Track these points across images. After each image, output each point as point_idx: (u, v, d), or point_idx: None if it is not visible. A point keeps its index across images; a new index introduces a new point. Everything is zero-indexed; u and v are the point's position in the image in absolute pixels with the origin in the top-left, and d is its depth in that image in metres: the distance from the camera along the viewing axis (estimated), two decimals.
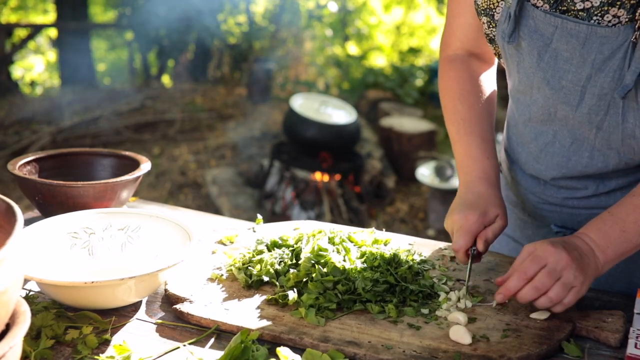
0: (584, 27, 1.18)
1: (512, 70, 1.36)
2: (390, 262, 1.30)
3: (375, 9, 10.82)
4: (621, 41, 1.15)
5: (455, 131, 1.46)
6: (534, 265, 1.14)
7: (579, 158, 1.32)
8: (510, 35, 1.27)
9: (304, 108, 5.59)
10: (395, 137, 6.24)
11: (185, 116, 7.94)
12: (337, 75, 9.83)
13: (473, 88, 1.48)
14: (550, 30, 1.22)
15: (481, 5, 1.34)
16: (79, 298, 1.13)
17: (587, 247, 1.18)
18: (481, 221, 1.29)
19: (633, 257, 1.35)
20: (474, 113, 1.45)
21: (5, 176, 6.17)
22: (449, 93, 1.49)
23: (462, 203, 1.33)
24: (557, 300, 1.13)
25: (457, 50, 1.52)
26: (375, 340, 1.09)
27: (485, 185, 1.36)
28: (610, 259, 1.18)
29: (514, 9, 1.24)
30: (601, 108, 1.23)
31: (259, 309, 1.18)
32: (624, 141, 1.25)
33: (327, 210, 5.32)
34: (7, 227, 0.85)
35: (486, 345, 1.08)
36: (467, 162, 1.41)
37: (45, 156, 1.65)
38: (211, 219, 1.67)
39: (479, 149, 1.41)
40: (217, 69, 10.71)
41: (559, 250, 1.14)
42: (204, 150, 7.04)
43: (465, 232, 1.28)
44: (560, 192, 1.39)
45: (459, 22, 1.48)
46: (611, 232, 1.18)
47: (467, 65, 1.50)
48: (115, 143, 7.20)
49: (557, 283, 1.13)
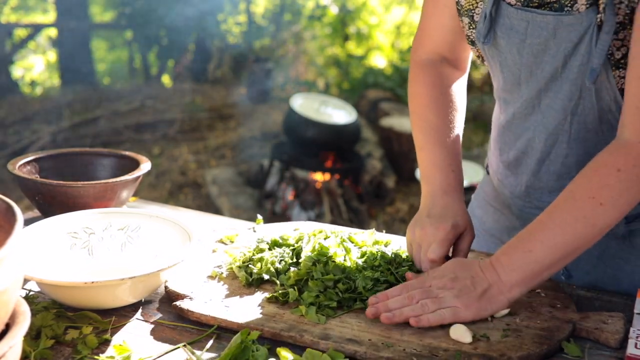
0: (551, 18, 1.19)
1: (496, 71, 1.36)
2: (390, 261, 1.30)
3: (375, 8, 10.82)
4: (586, 26, 1.16)
5: (421, 138, 1.44)
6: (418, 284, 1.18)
7: (558, 149, 1.31)
8: (485, 35, 1.28)
9: (304, 108, 5.60)
10: (395, 137, 6.24)
11: (185, 116, 7.94)
12: (337, 75, 9.83)
13: (442, 95, 1.46)
14: (523, 26, 1.23)
15: (465, 6, 1.34)
16: (78, 298, 1.13)
17: (492, 272, 1.14)
18: (454, 232, 1.30)
19: (634, 258, 1.35)
20: (442, 122, 1.43)
21: (5, 176, 6.17)
22: (418, 98, 1.48)
23: (430, 215, 1.33)
24: (421, 311, 1.11)
25: (430, 54, 1.50)
26: (376, 338, 1.09)
27: (451, 198, 1.36)
28: (517, 282, 1.13)
29: (489, 9, 1.25)
30: (574, 93, 1.23)
31: (259, 306, 1.18)
32: (602, 118, 1.24)
33: (327, 210, 5.32)
34: (7, 227, 0.85)
35: (486, 344, 1.08)
36: (431, 172, 1.40)
37: (45, 156, 1.65)
38: (211, 219, 1.67)
39: (445, 160, 1.40)
40: (217, 69, 10.71)
41: (443, 279, 1.16)
42: (204, 150, 7.05)
43: (441, 242, 1.28)
44: (544, 196, 1.37)
45: (435, 23, 1.46)
46: (516, 254, 1.14)
47: (438, 70, 1.48)
48: (115, 143, 7.20)
49: (430, 299, 1.13)
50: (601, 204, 1.10)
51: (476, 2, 1.31)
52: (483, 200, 1.61)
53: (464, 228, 1.33)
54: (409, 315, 1.11)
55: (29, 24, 11.59)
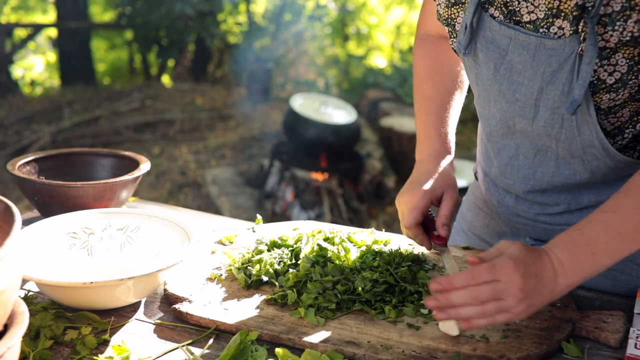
0: (534, 39, 1.15)
1: (472, 83, 1.34)
2: (390, 262, 1.30)
3: (375, 8, 10.82)
4: (568, 53, 1.12)
5: (417, 110, 1.48)
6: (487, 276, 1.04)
7: (545, 168, 1.28)
8: (467, 47, 1.25)
9: (304, 108, 5.60)
10: (395, 137, 6.24)
11: (185, 116, 7.95)
12: (337, 75, 9.83)
13: (440, 67, 1.49)
14: (505, 42, 1.19)
15: (443, 15, 1.32)
16: (77, 298, 1.13)
17: (551, 271, 1.06)
18: (428, 197, 1.30)
19: (628, 269, 1.34)
20: (437, 92, 1.46)
21: (5, 176, 6.17)
22: (417, 71, 1.52)
23: (411, 182, 1.35)
24: (481, 314, 1.03)
25: (430, 31, 1.54)
26: (375, 340, 1.09)
27: (434, 163, 1.37)
28: (574, 283, 1.07)
29: (470, 20, 1.22)
30: (555, 121, 1.19)
31: (258, 308, 1.18)
32: (585, 150, 1.20)
33: (327, 210, 5.32)
34: (6, 227, 0.85)
35: (486, 345, 1.08)
36: (422, 141, 1.43)
37: (45, 156, 1.65)
38: (211, 219, 1.67)
39: (435, 128, 1.42)
40: (217, 69, 10.71)
41: (515, 275, 1.02)
42: (204, 150, 7.04)
43: (413, 209, 1.29)
44: (533, 208, 1.35)
45: (432, 7, 1.49)
46: (581, 254, 1.06)
47: (437, 45, 1.51)
48: (115, 143, 7.20)
49: (493, 301, 1.03)
50: None
51: (457, 11, 1.28)
52: (473, 204, 1.60)
53: (442, 191, 1.32)
54: (465, 317, 1.03)
55: (29, 24, 11.59)
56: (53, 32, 11.83)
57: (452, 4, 1.29)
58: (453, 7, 1.29)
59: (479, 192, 1.57)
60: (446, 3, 1.30)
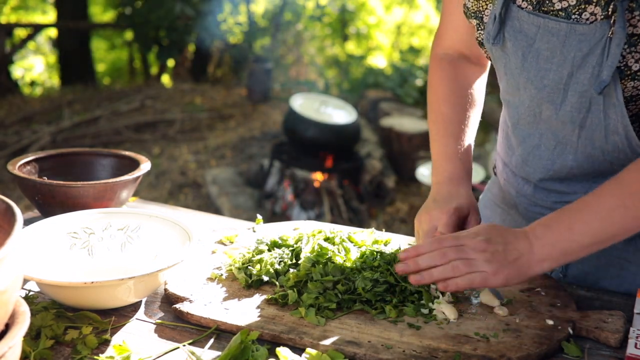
0: (564, 26, 1.18)
1: (500, 73, 1.36)
2: (390, 262, 1.30)
3: (375, 8, 10.83)
4: (598, 37, 1.15)
5: (435, 131, 1.47)
6: (451, 242, 1.13)
7: (564, 161, 1.31)
8: (495, 36, 1.28)
9: (304, 108, 5.60)
10: (395, 137, 6.24)
11: (185, 116, 7.95)
12: (337, 75, 9.83)
13: (459, 90, 1.49)
14: (533, 30, 1.23)
15: (471, 9, 1.35)
16: (78, 298, 1.13)
17: (525, 241, 1.12)
18: (457, 215, 1.31)
19: (638, 259, 1.34)
20: (456, 115, 1.45)
21: (5, 176, 6.17)
22: (433, 92, 1.51)
23: (435, 201, 1.35)
24: (452, 272, 1.10)
25: (448, 49, 1.53)
26: (375, 340, 1.09)
27: (455, 185, 1.37)
28: (549, 256, 1.11)
29: (499, 10, 1.25)
30: (583, 105, 1.22)
31: (258, 308, 1.18)
32: (608, 138, 1.23)
33: (327, 210, 5.32)
34: (7, 227, 0.85)
35: (486, 345, 1.08)
36: (440, 163, 1.42)
37: (45, 156, 1.65)
38: (211, 219, 1.67)
39: (453, 150, 1.42)
40: (217, 69, 10.71)
41: (477, 238, 1.12)
42: (204, 150, 7.05)
43: (446, 225, 1.29)
44: (550, 196, 1.37)
45: (452, 21, 1.48)
46: (556, 228, 1.12)
47: (455, 65, 1.51)
48: (115, 143, 7.20)
49: (462, 260, 1.10)
50: None
51: (485, 3, 1.31)
52: (490, 201, 1.62)
53: (468, 211, 1.33)
54: (438, 278, 1.10)
55: (29, 24, 11.59)
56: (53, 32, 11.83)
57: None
58: (482, 0, 1.32)
59: (496, 188, 1.58)
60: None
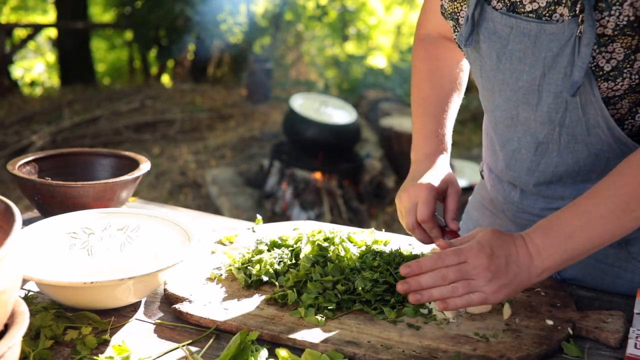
0: (535, 26, 1.18)
1: (476, 76, 1.36)
2: (390, 262, 1.30)
3: (375, 9, 10.83)
4: (567, 37, 1.14)
5: (415, 110, 1.49)
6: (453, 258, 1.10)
7: (548, 159, 1.29)
8: (468, 37, 1.27)
9: (304, 108, 5.60)
10: (395, 137, 6.24)
11: (185, 116, 7.95)
12: (337, 75, 9.83)
13: (440, 69, 1.50)
14: (506, 31, 1.22)
15: (447, 9, 1.35)
16: (78, 298, 1.13)
17: (525, 254, 1.10)
18: (435, 190, 1.32)
19: (632, 266, 1.34)
20: (436, 93, 1.47)
21: (5, 176, 6.17)
22: (416, 72, 1.53)
23: (413, 179, 1.36)
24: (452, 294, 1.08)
25: (431, 31, 1.54)
26: (375, 340, 1.09)
27: (432, 161, 1.39)
28: (551, 266, 1.10)
29: (472, 12, 1.25)
30: (560, 106, 1.21)
31: (258, 308, 1.18)
32: (590, 131, 1.22)
33: (327, 210, 5.32)
34: (6, 227, 0.85)
35: (486, 345, 1.08)
36: (418, 142, 1.45)
37: (45, 156, 1.65)
38: (211, 219, 1.67)
39: (431, 128, 1.43)
40: (217, 69, 10.71)
41: (480, 256, 1.08)
42: (204, 150, 7.05)
43: (425, 201, 1.29)
44: (539, 202, 1.36)
45: (432, 7, 1.50)
46: (555, 238, 1.10)
47: (436, 45, 1.52)
48: (115, 143, 7.20)
49: (463, 281, 1.08)
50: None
51: (460, 5, 1.31)
52: (479, 203, 1.61)
53: (446, 185, 1.34)
54: (437, 298, 1.09)
55: (29, 24, 11.59)
56: (53, 32, 11.83)
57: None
58: (456, 1, 1.32)
59: (484, 191, 1.57)
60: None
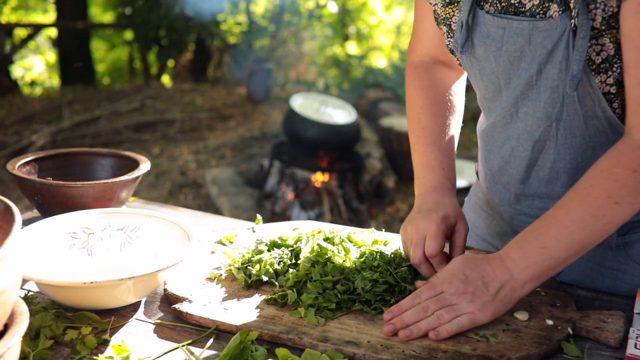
0: (526, 24, 1.18)
1: (476, 80, 1.34)
2: (390, 262, 1.30)
3: (375, 9, 10.82)
4: (560, 32, 1.14)
5: (415, 140, 1.45)
6: (430, 292, 1.14)
7: (546, 155, 1.29)
8: (463, 44, 1.26)
9: (304, 108, 5.60)
10: (395, 137, 6.23)
11: (185, 116, 7.95)
12: (337, 75, 9.83)
13: (437, 97, 1.46)
14: (499, 33, 1.22)
15: (441, 15, 1.34)
16: (77, 298, 1.13)
17: (502, 270, 1.12)
18: (445, 224, 1.28)
19: (630, 268, 1.34)
20: (436, 123, 1.43)
21: (5, 176, 6.17)
22: (411, 102, 1.48)
23: (420, 212, 1.31)
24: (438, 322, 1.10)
25: (423, 56, 1.51)
26: (375, 340, 1.09)
27: (440, 194, 1.35)
28: (531, 278, 1.12)
29: (466, 18, 1.23)
30: (556, 100, 1.21)
31: (258, 308, 1.18)
32: (587, 123, 1.22)
33: (327, 210, 5.31)
34: (6, 227, 0.85)
35: (485, 345, 1.08)
36: (422, 174, 1.40)
37: (44, 156, 1.65)
38: (211, 219, 1.67)
39: (436, 159, 1.39)
40: (217, 69, 10.71)
41: (454, 282, 1.13)
42: (204, 150, 7.04)
43: (434, 235, 1.25)
44: (535, 203, 1.36)
45: (424, 28, 1.47)
46: (531, 250, 1.12)
47: (431, 73, 1.49)
48: (115, 143, 7.20)
49: (445, 308, 1.11)
50: (617, 202, 1.10)
51: (453, 11, 1.30)
52: (475, 205, 1.60)
53: (455, 220, 1.30)
54: (427, 329, 1.10)
55: (29, 24, 11.59)
56: (53, 32, 11.83)
57: (448, 3, 1.31)
58: (449, 7, 1.31)
59: (480, 192, 1.57)
60: (442, 3, 1.32)
